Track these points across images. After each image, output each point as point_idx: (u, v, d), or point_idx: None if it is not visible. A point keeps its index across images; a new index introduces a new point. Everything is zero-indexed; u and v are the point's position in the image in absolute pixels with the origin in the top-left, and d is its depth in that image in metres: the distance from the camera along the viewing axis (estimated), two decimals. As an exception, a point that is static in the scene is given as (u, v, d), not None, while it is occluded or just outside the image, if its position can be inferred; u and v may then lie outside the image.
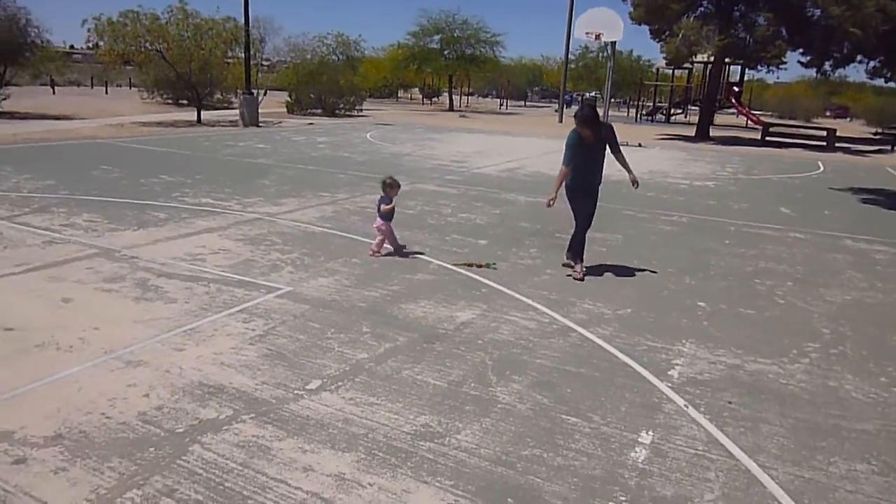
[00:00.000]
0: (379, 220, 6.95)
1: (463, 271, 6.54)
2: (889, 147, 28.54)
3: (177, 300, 5.33)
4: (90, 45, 23.45)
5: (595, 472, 3.26)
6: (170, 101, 31.99)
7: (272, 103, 30.86)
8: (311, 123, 25.45)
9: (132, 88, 42.96)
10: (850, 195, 13.61)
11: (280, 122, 25.17)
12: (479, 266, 6.70)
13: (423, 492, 3.01)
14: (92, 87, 47.53)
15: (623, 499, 3.05)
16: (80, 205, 8.69)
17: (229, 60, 25.15)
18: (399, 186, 7.10)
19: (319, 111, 31.11)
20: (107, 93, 40.93)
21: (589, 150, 6.21)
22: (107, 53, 22.18)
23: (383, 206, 6.88)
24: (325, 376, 4.12)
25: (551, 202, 6.30)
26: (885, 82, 38.05)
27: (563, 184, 6.37)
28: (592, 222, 6.59)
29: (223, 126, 22.36)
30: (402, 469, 3.18)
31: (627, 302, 5.88)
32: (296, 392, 3.90)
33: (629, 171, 6.54)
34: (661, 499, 3.07)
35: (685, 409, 3.95)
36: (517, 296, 5.91)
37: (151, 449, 3.23)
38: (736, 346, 5.00)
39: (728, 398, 4.12)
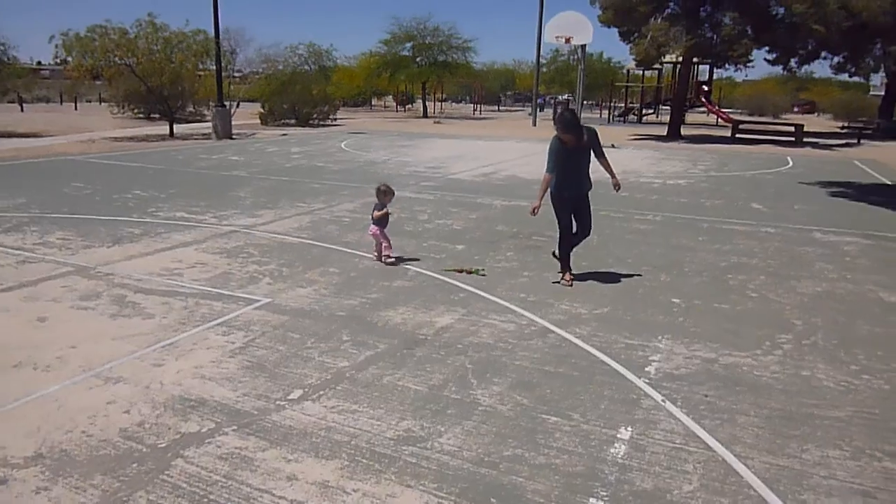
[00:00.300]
0: (372, 227, 7.03)
1: (441, 276, 6.58)
2: (855, 140, 29.11)
3: (154, 315, 5.31)
4: (58, 60, 23.20)
5: (576, 468, 3.31)
6: (141, 116, 31.72)
7: (245, 115, 30.72)
8: (285, 134, 25.38)
9: (102, 103, 42.46)
10: (818, 189, 13.88)
11: (254, 134, 25.07)
12: (469, 272, 6.72)
13: (408, 495, 3.04)
14: (61, 103, 46.93)
15: (604, 494, 3.10)
16: (53, 223, 8.61)
17: (201, 73, 24.99)
18: (393, 193, 7.16)
19: (293, 121, 31.02)
20: (76, 108, 40.45)
21: (573, 155, 6.11)
22: (75, 69, 21.96)
23: (375, 212, 6.98)
24: (307, 385, 4.14)
25: (535, 210, 6.24)
26: (850, 77, 39.02)
27: (549, 191, 6.30)
28: (591, 232, 6.56)
29: (196, 139, 22.23)
30: (386, 474, 3.21)
31: (604, 301, 5.96)
32: (277, 402, 3.91)
33: (612, 174, 6.49)
34: (641, 492, 3.13)
35: (663, 403, 4.02)
36: (495, 299, 5.96)
37: (134, 465, 3.22)
38: (711, 340, 5.09)
39: (704, 392, 4.20)
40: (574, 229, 6.42)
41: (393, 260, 7.02)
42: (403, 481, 3.15)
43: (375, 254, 7.16)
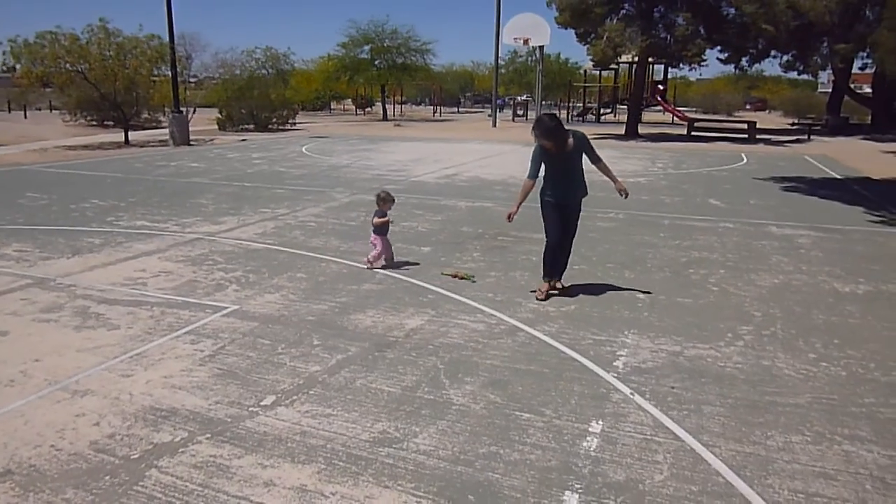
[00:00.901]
0: (372, 235, 6.99)
1: (410, 279, 6.61)
2: (806, 136, 29.98)
3: (120, 326, 5.23)
4: (6, 68, 22.58)
5: (550, 463, 3.37)
6: (94, 123, 31.03)
7: (202, 121, 30.27)
8: (245, 139, 25.09)
9: (53, 111, 41.46)
10: (772, 184, 14.27)
11: (212, 140, 24.72)
12: (462, 278, 6.62)
13: (386, 496, 3.07)
14: (9, 111, 45.59)
15: (578, 487, 3.17)
16: (9, 234, 8.39)
17: (156, 79, 24.57)
18: (393, 201, 7.11)
19: (252, 127, 30.66)
20: (26, 117, 39.29)
21: (558, 160, 5.77)
22: (24, 76, 21.44)
23: (375, 219, 6.94)
24: (280, 391, 4.13)
25: (511, 216, 5.99)
26: (799, 75, 40.09)
27: (541, 198, 5.98)
28: (570, 248, 6.21)
29: (153, 146, 21.85)
30: (364, 476, 3.23)
31: (571, 299, 6.06)
32: (251, 409, 3.89)
33: (614, 179, 6.05)
34: (614, 484, 3.20)
35: (632, 396, 4.12)
36: (464, 299, 6.01)
37: (107, 477, 3.18)
38: (675, 333, 5.22)
39: (671, 384, 4.31)
40: (558, 232, 5.99)
41: (374, 266, 6.97)
42: (381, 482, 3.18)
43: (367, 262, 7.04)
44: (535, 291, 6.08)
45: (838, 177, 15.90)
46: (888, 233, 9.32)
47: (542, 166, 5.84)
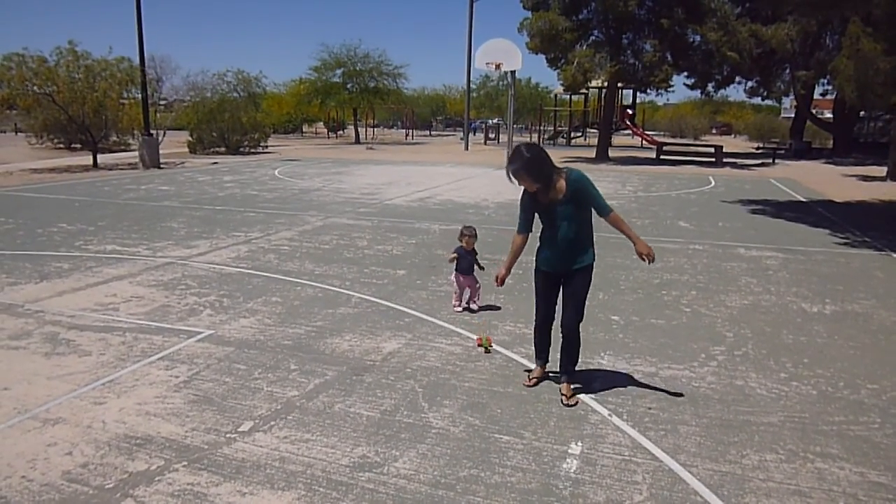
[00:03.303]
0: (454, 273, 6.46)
1: (385, 302, 6.60)
2: (770, 160, 30.71)
3: (91, 352, 5.13)
4: (-30, 90, 22.17)
5: (531, 485, 3.38)
6: (62, 146, 30.58)
7: (172, 144, 30.04)
8: (216, 163, 24.93)
9: (18, 134, 40.76)
10: (740, 207, 14.57)
11: (182, 163, 24.52)
12: (479, 344, 5.38)
13: (367, 522, 3.05)
14: (-28, 134, 44.75)
15: (559, 508, 3.19)
16: (-26, 260, 8.21)
17: (125, 101, 24.35)
18: (471, 235, 6.40)
19: (223, 149, 30.50)
20: (-10, 140, 38.61)
21: (549, 212, 4.25)
22: (-10, 99, 21.06)
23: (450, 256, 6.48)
24: (257, 417, 4.09)
25: (499, 279, 4.62)
26: (762, 100, 41.20)
27: (536, 258, 4.50)
28: (575, 328, 4.42)
29: (122, 169, 21.59)
30: (344, 501, 3.20)
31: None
32: (228, 435, 3.85)
33: (633, 238, 4.26)
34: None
35: (609, 418, 4.15)
36: (440, 322, 6.02)
37: (81, 508, 3.12)
38: (650, 354, 5.29)
39: (647, 404, 4.36)
40: (549, 308, 4.55)
41: (460, 309, 6.36)
42: (362, 508, 3.16)
43: (457, 303, 6.43)
44: (528, 371, 4.84)
45: (803, 199, 16.30)
46: (851, 254, 9.57)
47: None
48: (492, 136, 48.04)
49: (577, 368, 4.61)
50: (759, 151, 37.87)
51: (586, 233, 4.34)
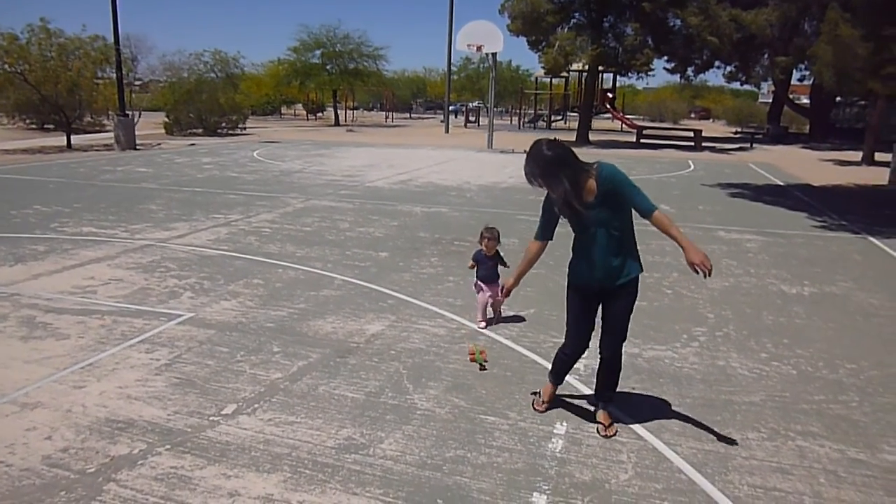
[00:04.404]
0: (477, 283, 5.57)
1: (368, 284, 6.57)
2: (748, 144, 30.98)
3: (70, 336, 5.05)
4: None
5: (517, 465, 3.39)
6: (34, 127, 29.95)
7: (148, 125, 29.55)
8: (193, 144, 24.58)
9: (-11, 114, 39.79)
10: (719, 190, 14.69)
11: (159, 144, 24.14)
12: (473, 360, 4.72)
13: (355, 503, 3.04)
14: (-59, 114, 43.65)
15: (546, 488, 3.20)
16: (-54, 242, 8.03)
17: (99, 81, 23.84)
18: (491, 238, 5.46)
19: (200, 131, 30.07)
20: (-40, 120, 37.71)
21: (582, 217, 3.48)
22: (-41, 78, 20.53)
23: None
24: (241, 399, 4.05)
25: (504, 293, 4.14)
26: (741, 85, 41.47)
27: (569, 272, 3.78)
28: (618, 353, 3.80)
29: (97, 150, 21.21)
30: (331, 483, 3.19)
31: (530, 302, 6.11)
32: (211, 418, 3.81)
33: (683, 244, 3.37)
34: (581, 484, 3.24)
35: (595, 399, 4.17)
36: (423, 304, 6.01)
37: (62, 493, 3.07)
38: (633, 335, 5.26)
39: (631, 384, 4.39)
40: (583, 336, 3.79)
41: (484, 325, 5.47)
42: (349, 489, 3.14)
43: (482, 320, 5.50)
44: (535, 394, 4.15)
45: (781, 183, 16.46)
46: (829, 237, 9.69)
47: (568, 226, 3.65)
48: (472, 119, 47.87)
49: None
50: (738, 136, 38.19)
51: (628, 239, 3.57)
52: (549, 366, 4.07)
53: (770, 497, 3.17)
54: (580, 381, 4.43)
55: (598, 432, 3.74)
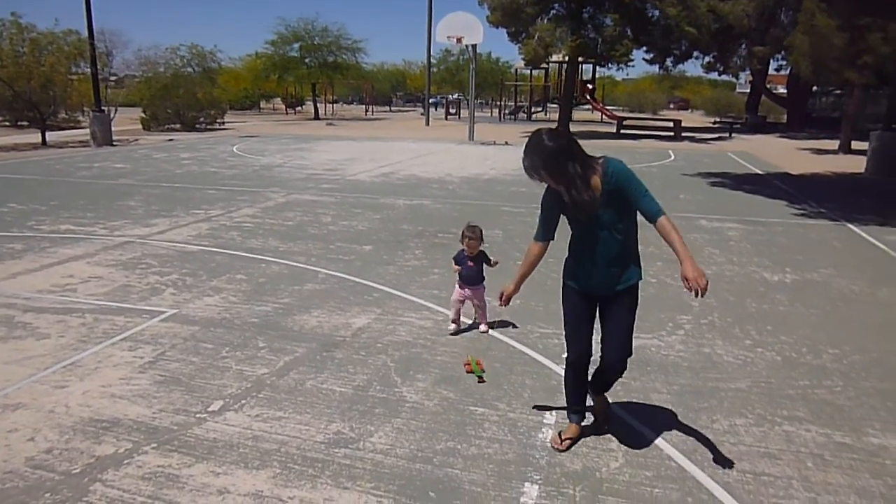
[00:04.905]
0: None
1: (353, 278, 6.53)
2: (727, 134, 31.22)
3: (50, 335, 4.96)
4: None
5: (508, 456, 3.39)
6: (7, 124, 29.40)
7: (125, 121, 29.18)
8: (172, 139, 24.29)
9: (-40, 111, 39.01)
10: (700, 179, 14.79)
11: (136, 140, 23.83)
12: (470, 371, 4.38)
13: (346, 498, 3.01)
14: (-89, 111, 42.72)
15: (537, 478, 3.20)
16: (-81, 241, 7.86)
17: (73, 77, 23.46)
18: (473, 238, 5.02)
19: (178, 126, 29.72)
20: (-70, 117, 36.94)
21: (587, 213, 3.22)
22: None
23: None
24: (227, 396, 4.01)
25: (505, 297, 3.74)
26: (719, 76, 41.71)
27: (563, 279, 3.52)
28: (623, 363, 3.43)
29: (73, 147, 20.89)
30: (321, 478, 3.16)
31: (516, 294, 6.09)
32: (198, 416, 3.76)
33: (681, 256, 3.09)
34: (572, 473, 3.25)
35: (582, 388, 4.18)
36: (409, 297, 5.98)
37: (47, 495, 3.01)
38: (619, 325, 5.33)
39: (619, 374, 4.39)
40: (584, 339, 3.44)
41: (485, 329, 5.16)
42: (340, 484, 3.12)
43: (453, 322, 5.17)
44: (558, 434, 3.55)
45: (760, 172, 16.61)
46: (809, 224, 9.80)
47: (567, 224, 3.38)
48: (453, 111, 47.78)
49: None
50: (716, 126, 38.46)
51: (631, 243, 3.35)
52: (535, 354, 4.06)
53: (759, 482, 3.19)
54: (568, 370, 4.43)
55: (594, 425, 3.62)
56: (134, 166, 15.85)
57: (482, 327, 5.18)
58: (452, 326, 5.14)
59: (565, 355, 3.55)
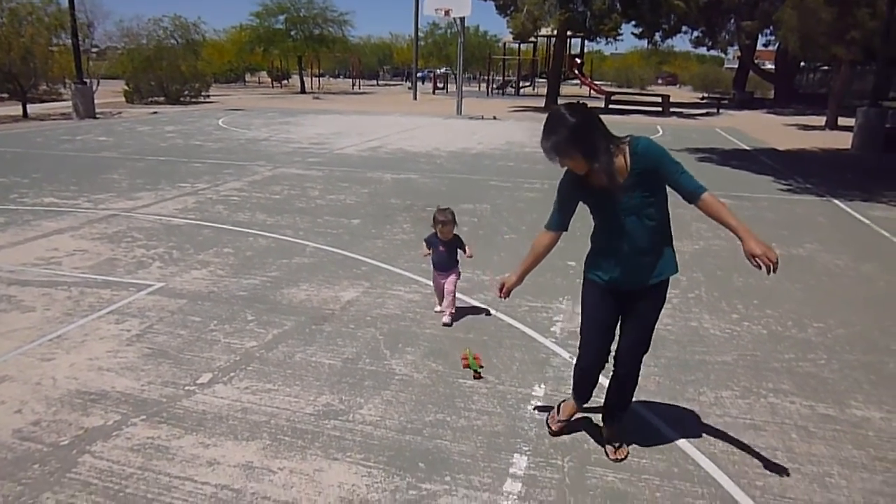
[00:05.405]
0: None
1: (342, 251, 6.51)
2: (715, 110, 31.23)
3: (35, 308, 4.91)
4: None
5: (497, 428, 3.41)
6: (-13, 96, 28.86)
7: (107, 93, 28.72)
8: (155, 112, 23.96)
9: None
10: (687, 155, 14.80)
11: (120, 113, 23.48)
12: (467, 366, 4.05)
13: (336, 468, 3.03)
14: None
15: (526, 449, 3.22)
16: None
17: (54, 48, 23.00)
18: (446, 221, 4.70)
19: (162, 99, 29.31)
20: None
21: (605, 200, 2.90)
22: None
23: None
24: (216, 368, 4.00)
25: (505, 290, 3.32)
26: (708, 51, 41.62)
27: (584, 272, 3.15)
28: (637, 364, 3.16)
29: (55, 119, 20.55)
30: (311, 449, 3.17)
31: (503, 267, 6.11)
32: (187, 388, 3.75)
33: (740, 232, 2.73)
34: (561, 444, 3.28)
35: (571, 360, 4.19)
36: (397, 270, 5.97)
37: (35, 466, 3.00)
38: (607, 299, 5.35)
39: (606, 347, 4.42)
40: (602, 346, 3.14)
41: (448, 322, 4.75)
42: (329, 455, 3.13)
43: (440, 307, 4.93)
44: (544, 408, 3.56)
45: (747, 148, 16.65)
46: (795, 200, 9.86)
47: (588, 212, 3.07)
48: (440, 85, 47.45)
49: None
50: (704, 101, 38.47)
51: (664, 230, 2.96)
52: (524, 328, 4.07)
53: (744, 452, 3.24)
54: (556, 343, 4.46)
55: (606, 455, 3.19)
56: (117, 139, 15.63)
57: (445, 318, 4.74)
58: (438, 307, 4.96)
59: (574, 360, 3.25)
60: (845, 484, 3.02)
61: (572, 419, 3.39)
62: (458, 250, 4.84)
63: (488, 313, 4.98)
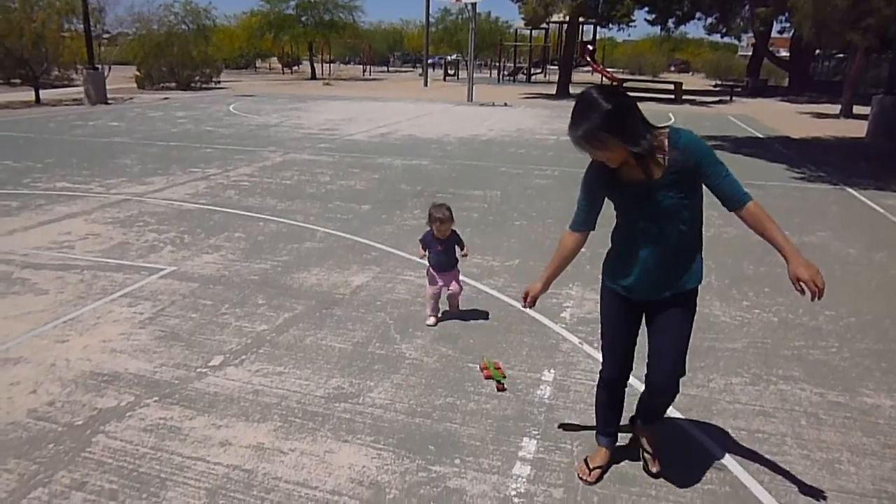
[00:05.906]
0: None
1: (352, 237, 6.52)
2: (728, 97, 30.95)
3: (49, 291, 4.96)
4: None
5: (506, 412, 3.43)
6: (0, 81, 29.00)
7: (119, 79, 28.77)
8: (167, 98, 24.01)
9: (-49, 68, 38.42)
10: (699, 142, 14.69)
11: (131, 99, 23.55)
12: (489, 377, 3.76)
13: (346, 450, 3.05)
14: None
15: (535, 433, 3.24)
16: (-86, 198, 7.80)
17: (66, 34, 23.06)
18: (443, 219, 4.34)
19: (173, 85, 29.37)
20: (-80, 74, 36.38)
21: (634, 197, 2.57)
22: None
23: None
24: (227, 351, 4.03)
25: (529, 298, 2.98)
26: (721, 38, 41.21)
27: (602, 280, 2.92)
28: (675, 384, 2.74)
29: (67, 105, 20.64)
30: (322, 431, 3.20)
31: (513, 253, 6.11)
32: (199, 370, 3.79)
33: (785, 252, 2.47)
34: (570, 428, 3.28)
35: (580, 346, 4.21)
36: (407, 256, 5.98)
37: (51, 445, 3.04)
38: (617, 285, 5.34)
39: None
40: (624, 353, 2.87)
41: (433, 322, 4.54)
42: (340, 437, 3.16)
43: (431, 314, 4.57)
44: (583, 462, 2.97)
45: (760, 136, 16.52)
46: (807, 188, 9.78)
47: (613, 210, 2.75)
48: (451, 72, 47.24)
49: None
50: (717, 89, 38.12)
51: (695, 237, 2.64)
52: (533, 313, 4.06)
53: (753, 439, 3.24)
54: (566, 329, 4.46)
55: (644, 467, 2.96)
56: (129, 125, 15.69)
57: (430, 320, 4.52)
58: (431, 320, 4.53)
59: (600, 372, 2.98)
60: (854, 471, 3.01)
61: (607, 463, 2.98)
62: (456, 247, 4.51)
63: (497, 299, 4.99)
